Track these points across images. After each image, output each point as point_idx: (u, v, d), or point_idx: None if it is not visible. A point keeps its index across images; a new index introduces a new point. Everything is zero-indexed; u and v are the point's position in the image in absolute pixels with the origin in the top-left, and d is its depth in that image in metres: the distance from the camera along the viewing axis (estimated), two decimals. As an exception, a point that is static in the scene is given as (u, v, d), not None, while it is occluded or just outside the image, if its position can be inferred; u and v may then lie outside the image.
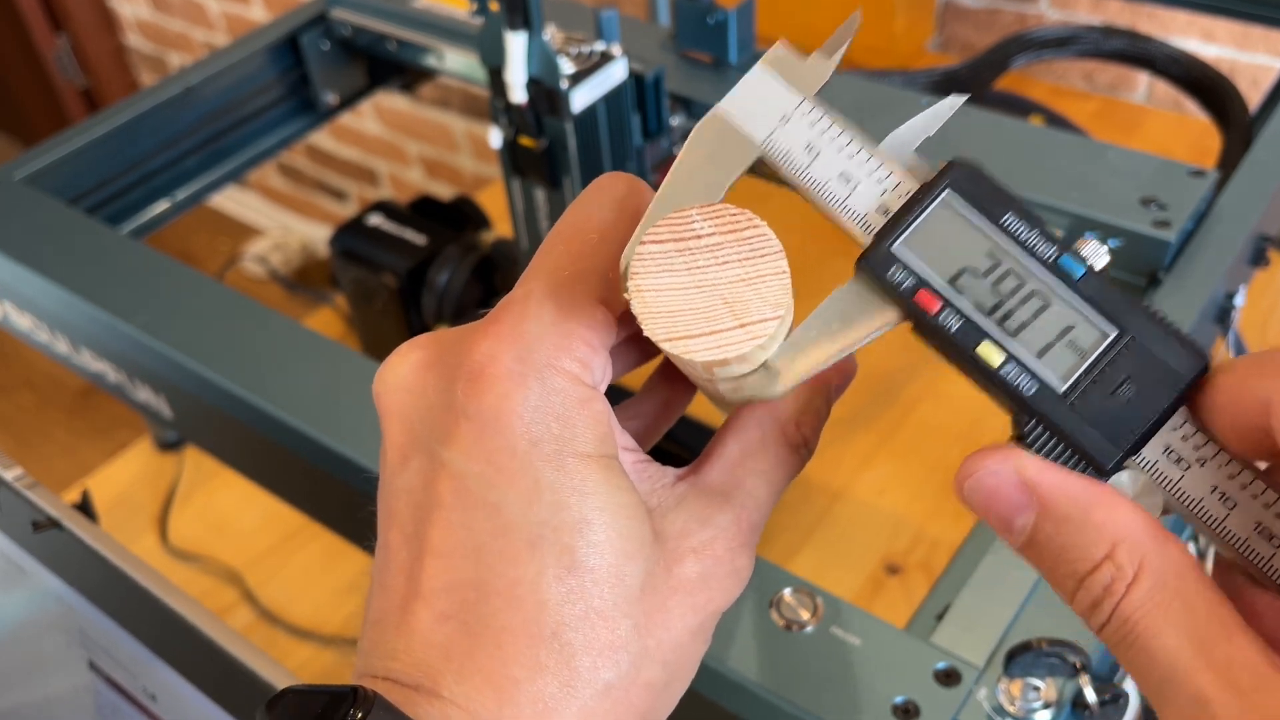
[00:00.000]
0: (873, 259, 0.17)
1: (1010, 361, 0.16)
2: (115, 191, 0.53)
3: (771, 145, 0.18)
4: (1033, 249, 0.16)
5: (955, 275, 0.16)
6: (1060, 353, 0.16)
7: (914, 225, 0.17)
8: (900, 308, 0.17)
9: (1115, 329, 0.16)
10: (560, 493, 0.15)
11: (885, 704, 0.28)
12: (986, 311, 0.16)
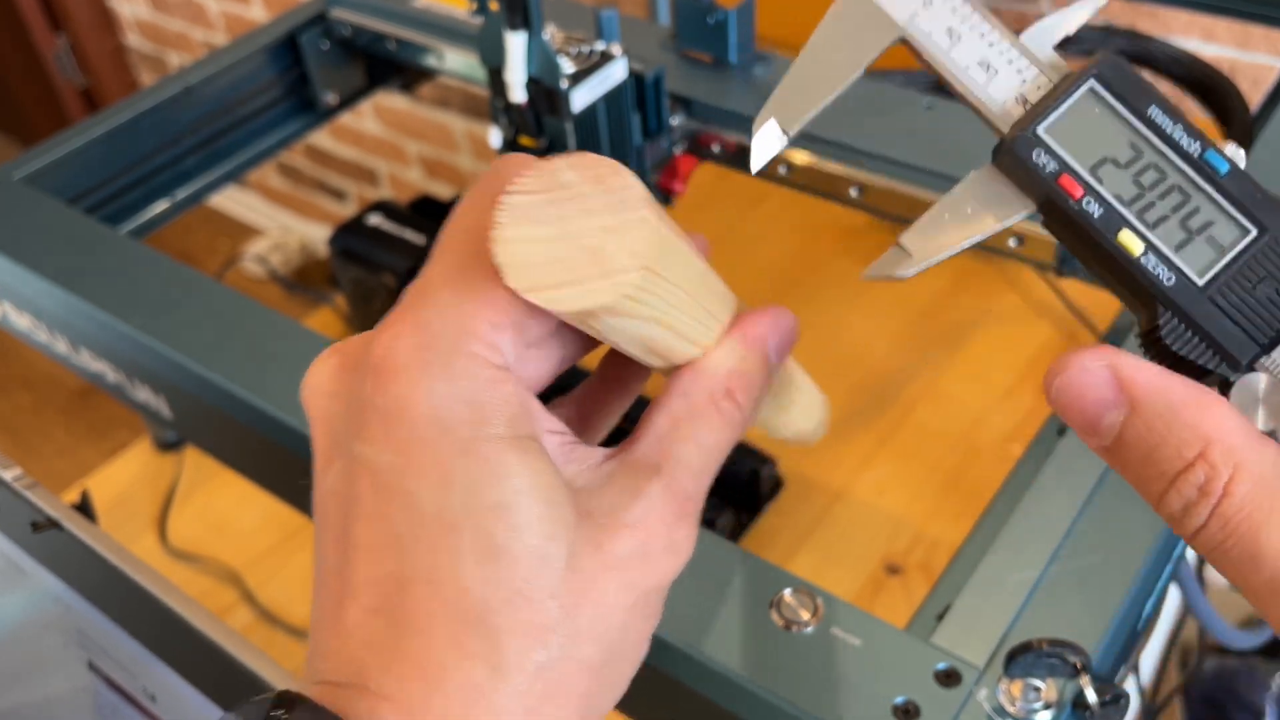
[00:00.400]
0: (1016, 143, 0.16)
1: (1150, 251, 0.16)
2: (114, 191, 0.53)
3: (914, 26, 0.17)
4: (1176, 143, 0.16)
5: (1097, 164, 0.16)
6: (1200, 247, 0.16)
7: (1058, 112, 0.17)
8: (1038, 194, 0.17)
9: (1256, 227, 0.16)
10: (474, 477, 0.15)
11: (885, 704, 0.28)
12: (1127, 202, 0.16)
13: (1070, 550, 0.31)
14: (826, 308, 0.66)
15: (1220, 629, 0.48)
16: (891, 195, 0.45)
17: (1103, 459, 0.15)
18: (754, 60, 0.51)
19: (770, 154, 0.17)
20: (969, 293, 0.65)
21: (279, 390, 0.37)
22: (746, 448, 0.55)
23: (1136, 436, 0.14)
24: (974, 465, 0.56)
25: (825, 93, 0.17)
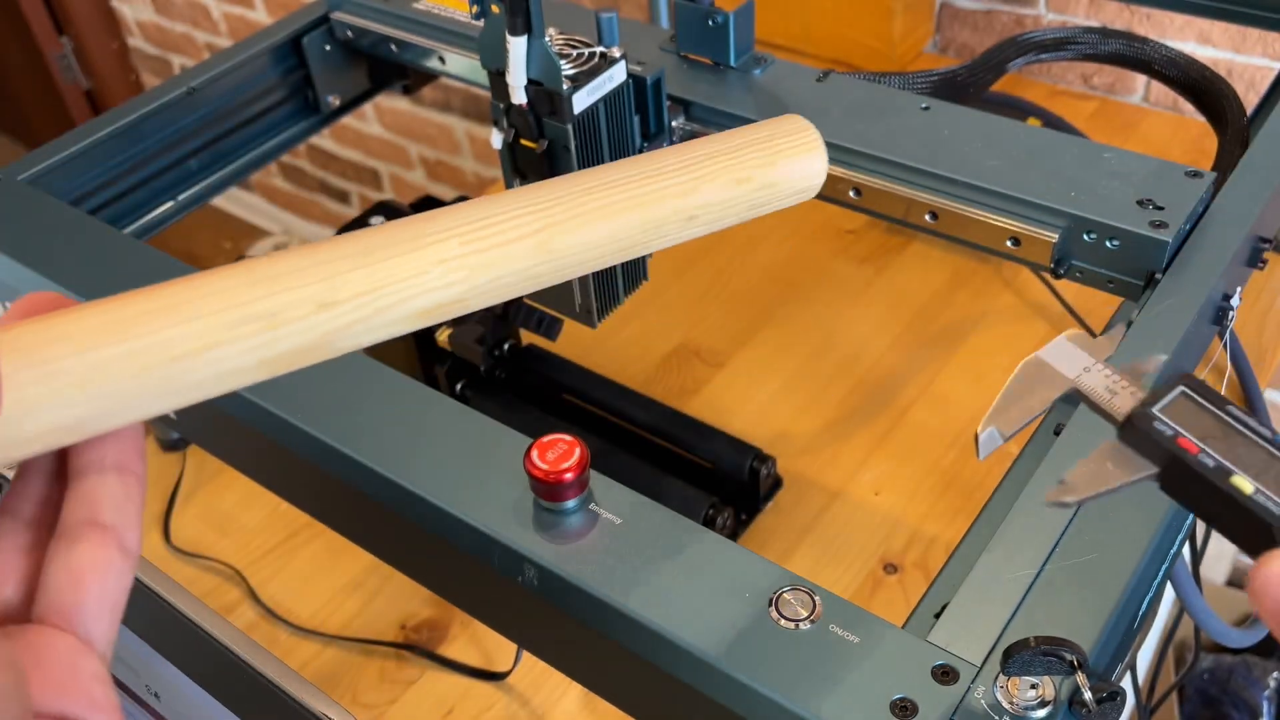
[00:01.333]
0: (1139, 419, 0.23)
1: (1259, 492, 0.21)
2: (118, 193, 0.54)
3: (1080, 381, 0.25)
4: (1252, 427, 0.22)
5: (1202, 435, 0.22)
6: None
7: (1164, 401, 0.23)
8: (1161, 455, 0.22)
9: None
10: None
11: (883, 702, 0.28)
12: (1231, 459, 0.21)
13: (1066, 548, 0.31)
14: (825, 308, 0.66)
15: (1215, 627, 0.49)
16: (889, 196, 0.46)
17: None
18: (753, 63, 0.51)
19: (992, 450, 0.25)
20: (967, 293, 0.65)
21: (281, 390, 0.37)
22: (745, 446, 0.55)
23: None
24: (971, 464, 0.56)
25: (1029, 412, 0.25)
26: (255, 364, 0.19)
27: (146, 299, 0.19)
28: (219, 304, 0.19)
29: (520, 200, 0.22)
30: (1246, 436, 0.22)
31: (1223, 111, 0.47)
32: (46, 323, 0.18)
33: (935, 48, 0.86)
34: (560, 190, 0.23)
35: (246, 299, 0.19)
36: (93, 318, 0.18)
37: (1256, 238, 0.43)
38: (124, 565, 0.19)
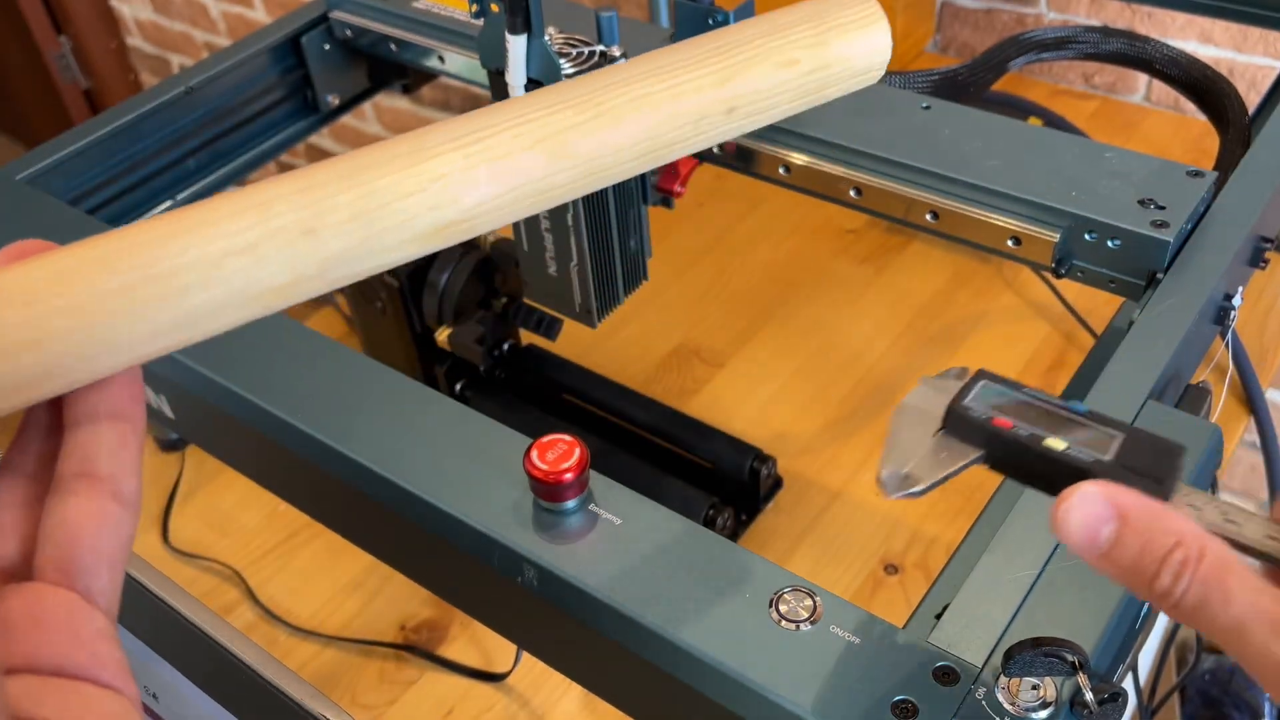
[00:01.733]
0: (957, 411, 0.26)
1: (1070, 447, 0.24)
2: (117, 192, 0.53)
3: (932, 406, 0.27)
4: (1048, 399, 0.25)
5: (1011, 414, 0.25)
6: (1094, 445, 0.24)
7: (974, 394, 0.26)
8: (982, 436, 0.25)
9: (1121, 432, 0.24)
10: None
11: (884, 703, 0.28)
12: (1040, 427, 0.24)
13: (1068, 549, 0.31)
14: (825, 308, 0.66)
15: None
16: (889, 196, 0.46)
17: (1095, 566, 0.20)
18: (753, 62, 0.51)
19: (901, 490, 0.26)
20: (967, 292, 0.65)
21: (281, 390, 0.37)
22: (745, 446, 0.55)
23: (1127, 539, 0.20)
24: (973, 465, 0.56)
25: (917, 445, 0.26)
26: (243, 298, 0.18)
27: (133, 233, 0.18)
28: (206, 235, 0.18)
29: (532, 103, 0.19)
30: (1045, 409, 0.25)
31: (1224, 111, 0.47)
32: (31, 264, 0.17)
33: (936, 47, 0.86)
34: (577, 89, 0.20)
35: (232, 230, 0.18)
36: (76, 255, 0.17)
37: (1258, 237, 0.43)
38: (122, 515, 0.18)
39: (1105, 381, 0.36)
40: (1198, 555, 0.20)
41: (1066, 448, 0.24)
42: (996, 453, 0.25)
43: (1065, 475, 0.23)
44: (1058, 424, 0.25)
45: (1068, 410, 0.25)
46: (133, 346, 0.18)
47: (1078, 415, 0.25)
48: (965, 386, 0.26)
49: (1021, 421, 0.25)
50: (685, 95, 0.21)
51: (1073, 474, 0.23)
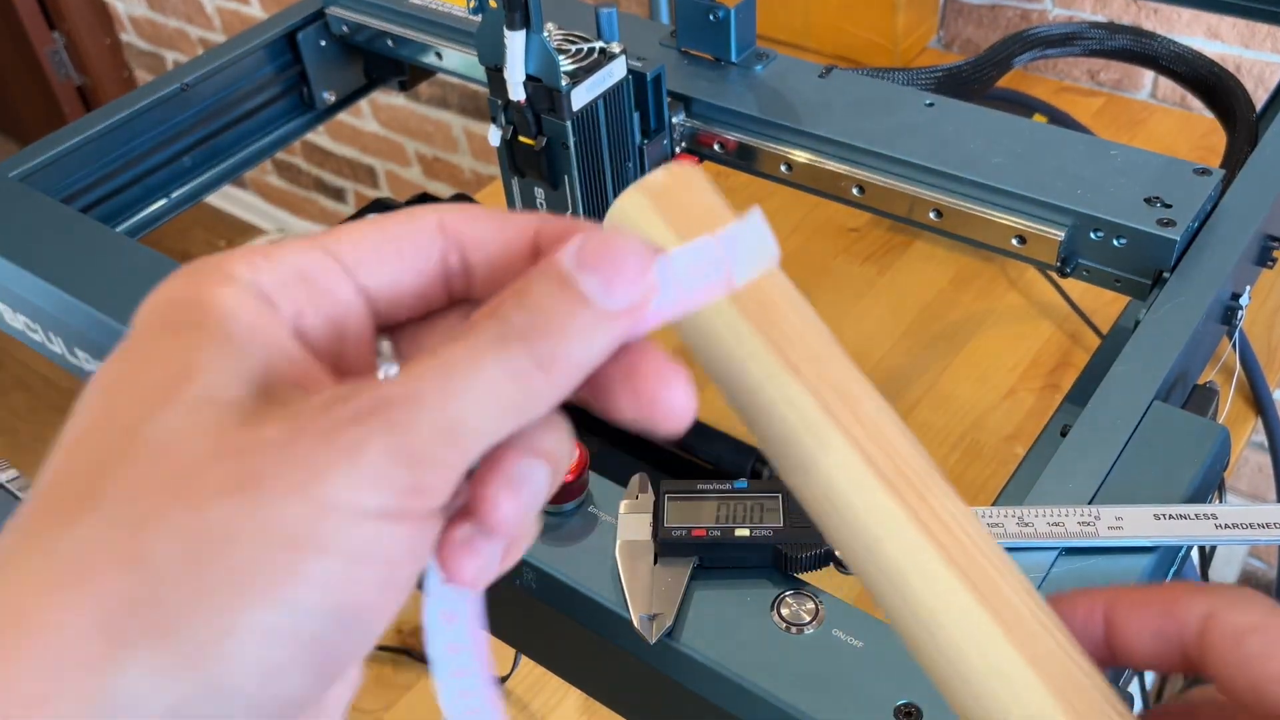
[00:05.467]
0: (663, 538, 0.31)
1: (753, 528, 0.31)
2: (111, 190, 0.53)
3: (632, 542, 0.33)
4: (717, 487, 0.33)
5: (701, 515, 0.32)
6: (768, 517, 0.32)
7: (665, 512, 0.32)
8: (690, 550, 0.31)
9: (778, 493, 0.32)
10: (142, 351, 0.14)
11: (887, 706, 0.28)
12: (726, 525, 0.31)
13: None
14: (828, 307, 0.65)
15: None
16: (893, 194, 0.45)
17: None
18: (755, 58, 0.50)
19: (659, 630, 0.31)
20: (971, 292, 0.65)
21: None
22: (747, 447, 0.55)
23: None
24: (976, 465, 0.56)
25: (647, 576, 0.32)
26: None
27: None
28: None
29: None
30: (719, 499, 0.32)
31: (1231, 108, 0.47)
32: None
33: (939, 43, 0.86)
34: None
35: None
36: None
37: (1265, 235, 0.42)
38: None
39: (1111, 382, 0.35)
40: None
41: (750, 533, 0.31)
42: (705, 557, 0.31)
43: (759, 552, 0.31)
44: (735, 512, 0.31)
45: (734, 491, 0.32)
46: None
47: (741, 491, 0.32)
48: (657, 506, 0.32)
49: (711, 524, 0.31)
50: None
51: (764, 549, 0.31)
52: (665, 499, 0.32)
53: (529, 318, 0.14)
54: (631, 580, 0.31)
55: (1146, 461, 0.33)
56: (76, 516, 0.12)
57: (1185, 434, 0.33)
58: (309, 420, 0.13)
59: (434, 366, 0.14)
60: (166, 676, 0.12)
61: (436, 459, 0.13)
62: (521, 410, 0.14)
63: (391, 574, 0.13)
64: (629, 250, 0.15)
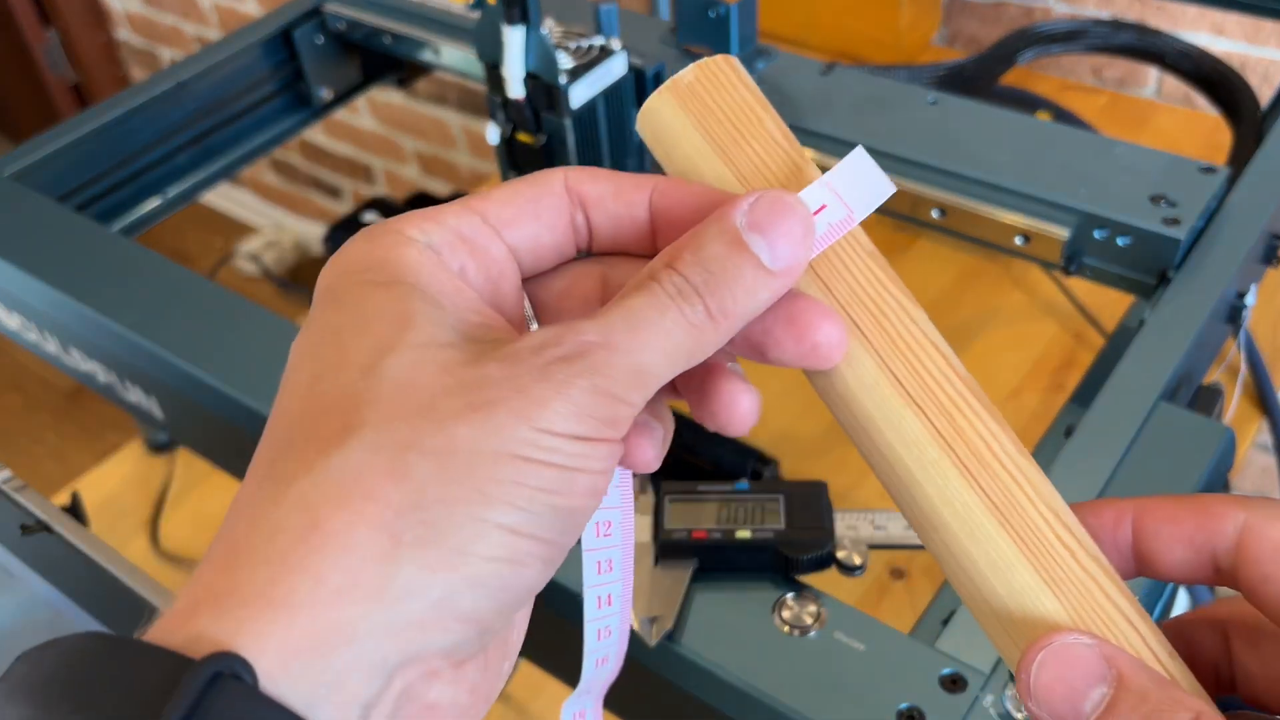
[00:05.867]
0: (664, 540, 0.31)
1: (754, 530, 0.31)
2: (105, 188, 0.53)
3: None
4: (718, 489, 0.32)
5: (702, 518, 0.32)
6: (769, 519, 0.31)
7: (666, 513, 0.32)
8: (691, 550, 0.31)
9: (780, 494, 0.32)
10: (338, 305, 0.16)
11: (890, 710, 0.28)
12: (727, 525, 0.31)
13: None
14: (828, 306, 0.65)
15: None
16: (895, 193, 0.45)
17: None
18: (756, 55, 0.50)
19: (658, 634, 0.30)
20: (975, 291, 0.64)
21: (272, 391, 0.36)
22: (747, 449, 0.55)
23: (1124, 709, 0.15)
24: (978, 466, 0.55)
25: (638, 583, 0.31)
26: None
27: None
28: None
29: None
30: (720, 500, 0.31)
31: (1237, 105, 0.47)
32: None
33: (943, 40, 0.85)
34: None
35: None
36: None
37: (1271, 234, 0.42)
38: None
39: (1116, 382, 0.35)
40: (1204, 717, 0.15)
41: (751, 535, 0.30)
42: (705, 559, 0.31)
43: (760, 554, 0.30)
44: (737, 513, 0.31)
45: (735, 492, 0.32)
46: None
47: (742, 493, 0.31)
48: (657, 507, 0.32)
49: (712, 525, 0.31)
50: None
51: (765, 552, 0.30)
52: (665, 500, 0.32)
53: (705, 274, 0.16)
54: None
55: (1151, 462, 0.32)
56: (344, 441, 0.14)
57: (1190, 435, 0.33)
58: (526, 359, 0.15)
59: (623, 316, 0.16)
60: (436, 571, 0.14)
61: (627, 397, 0.15)
62: (692, 355, 0.16)
63: (593, 481, 0.15)
64: (795, 214, 0.16)
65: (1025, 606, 0.16)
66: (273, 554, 0.14)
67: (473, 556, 0.14)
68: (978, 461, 0.16)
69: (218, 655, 0.13)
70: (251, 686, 0.13)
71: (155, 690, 0.13)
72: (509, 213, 0.17)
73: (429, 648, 0.14)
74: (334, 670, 0.13)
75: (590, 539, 0.19)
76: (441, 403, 0.15)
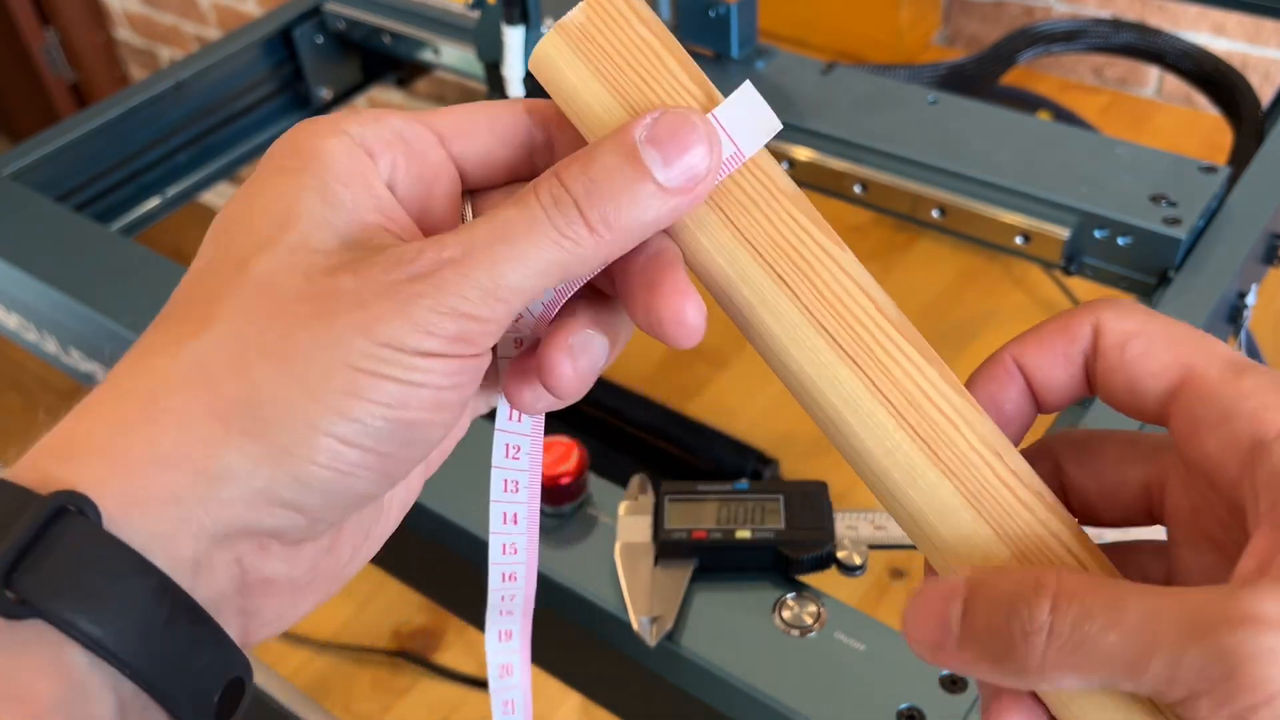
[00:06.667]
0: (663, 540, 0.31)
1: (754, 530, 0.31)
2: (105, 188, 0.52)
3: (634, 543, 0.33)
4: (717, 488, 0.32)
5: (702, 517, 0.31)
6: (769, 519, 0.31)
7: (665, 513, 0.32)
8: (691, 549, 0.31)
9: (780, 494, 0.32)
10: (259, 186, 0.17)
11: (890, 710, 0.27)
12: (727, 525, 0.31)
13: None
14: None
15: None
16: (895, 192, 0.45)
17: (958, 663, 0.15)
18: (756, 54, 0.50)
19: (660, 633, 0.30)
20: (975, 291, 0.64)
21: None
22: (747, 449, 0.55)
23: (979, 604, 0.15)
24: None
25: (647, 577, 0.32)
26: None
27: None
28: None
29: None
30: (720, 500, 0.31)
31: (1237, 105, 0.46)
32: None
33: (943, 39, 0.85)
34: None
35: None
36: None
37: (1272, 234, 0.42)
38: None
39: (1118, 382, 0.35)
40: (1056, 580, 0.14)
41: (751, 535, 0.30)
42: (705, 559, 0.31)
43: (760, 554, 0.30)
44: (737, 513, 0.31)
45: (734, 492, 0.32)
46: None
47: (742, 493, 0.32)
48: (657, 507, 0.31)
49: (712, 525, 0.31)
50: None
51: (765, 551, 0.30)
52: (665, 500, 0.32)
53: (589, 183, 0.16)
54: (631, 583, 0.30)
55: (1153, 463, 0.32)
56: (197, 332, 0.15)
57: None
58: (375, 275, 0.15)
59: (488, 228, 0.16)
60: (260, 463, 0.15)
61: (480, 315, 0.15)
62: (567, 269, 0.16)
63: (439, 396, 0.15)
64: (697, 131, 0.16)
65: (962, 538, 0.16)
66: (116, 416, 0.15)
67: (298, 458, 0.15)
68: (908, 402, 0.16)
69: (64, 492, 0.14)
70: (95, 523, 0.14)
71: (2, 519, 0.14)
72: (462, 124, 0.18)
73: (255, 526, 0.15)
74: (164, 524, 0.14)
75: (499, 458, 0.19)
76: (292, 307, 0.15)
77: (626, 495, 0.33)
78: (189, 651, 0.14)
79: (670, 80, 0.17)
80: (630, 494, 0.33)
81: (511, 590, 0.20)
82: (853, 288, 0.17)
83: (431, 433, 0.16)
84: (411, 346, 0.15)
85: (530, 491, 0.19)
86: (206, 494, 0.15)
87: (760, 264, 0.16)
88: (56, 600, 0.13)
